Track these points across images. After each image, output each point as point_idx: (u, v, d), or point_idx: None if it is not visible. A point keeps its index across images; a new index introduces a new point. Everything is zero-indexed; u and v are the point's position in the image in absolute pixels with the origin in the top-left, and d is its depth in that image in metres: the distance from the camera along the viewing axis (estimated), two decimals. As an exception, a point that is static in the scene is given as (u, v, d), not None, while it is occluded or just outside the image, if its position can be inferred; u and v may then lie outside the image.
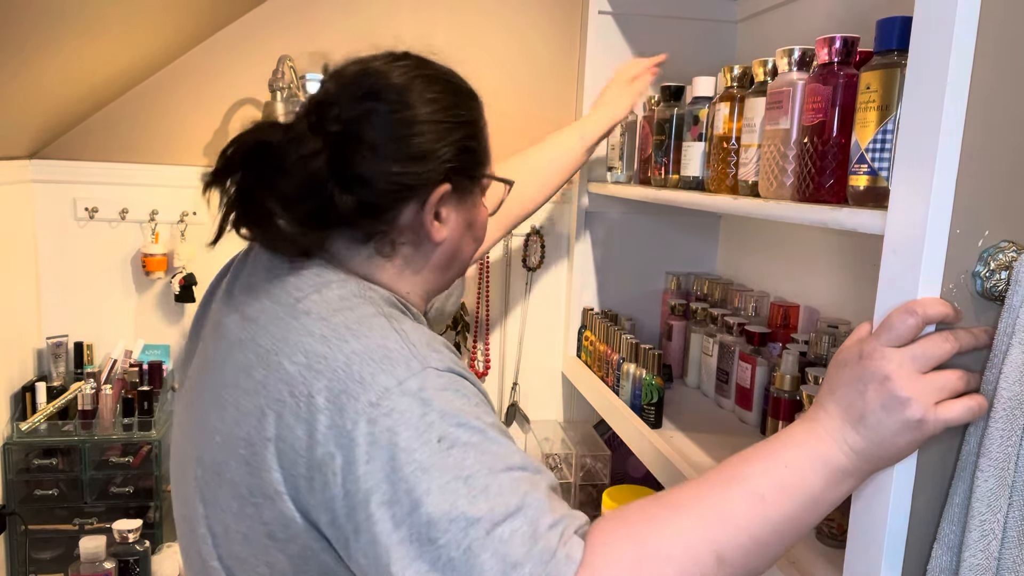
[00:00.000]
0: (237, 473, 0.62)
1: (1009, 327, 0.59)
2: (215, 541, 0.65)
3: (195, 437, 0.67)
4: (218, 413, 0.64)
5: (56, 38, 1.21)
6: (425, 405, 0.59)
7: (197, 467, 0.66)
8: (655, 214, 1.71)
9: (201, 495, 0.66)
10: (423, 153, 0.71)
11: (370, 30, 1.67)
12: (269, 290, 0.68)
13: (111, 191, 1.61)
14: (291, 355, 0.62)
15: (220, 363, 0.67)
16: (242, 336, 0.66)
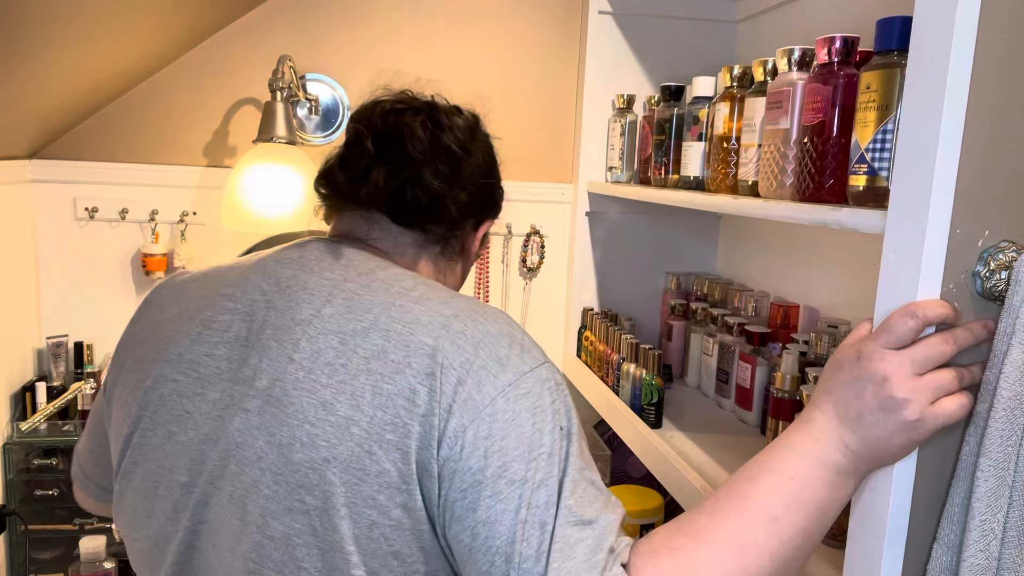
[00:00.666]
0: (387, 460, 0.60)
1: (1009, 327, 0.59)
2: (358, 546, 0.60)
3: (307, 440, 0.62)
4: (350, 402, 0.61)
5: (56, 38, 1.21)
6: (553, 394, 0.63)
7: (327, 469, 0.60)
8: (655, 214, 1.71)
9: (340, 499, 0.60)
10: (495, 182, 0.87)
11: (370, 30, 1.67)
12: (368, 284, 0.69)
13: (111, 191, 1.61)
14: (431, 331, 0.63)
15: (330, 358, 0.64)
16: (356, 327, 0.65)
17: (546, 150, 1.78)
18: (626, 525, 0.63)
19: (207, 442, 0.66)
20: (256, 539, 0.63)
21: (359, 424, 0.61)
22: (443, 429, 0.60)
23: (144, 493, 0.70)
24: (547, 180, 1.79)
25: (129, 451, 0.72)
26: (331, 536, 0.61)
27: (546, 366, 0.65)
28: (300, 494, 0.61)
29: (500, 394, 0.61)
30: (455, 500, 0.59)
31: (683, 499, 1.07)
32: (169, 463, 0.68)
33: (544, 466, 0.59)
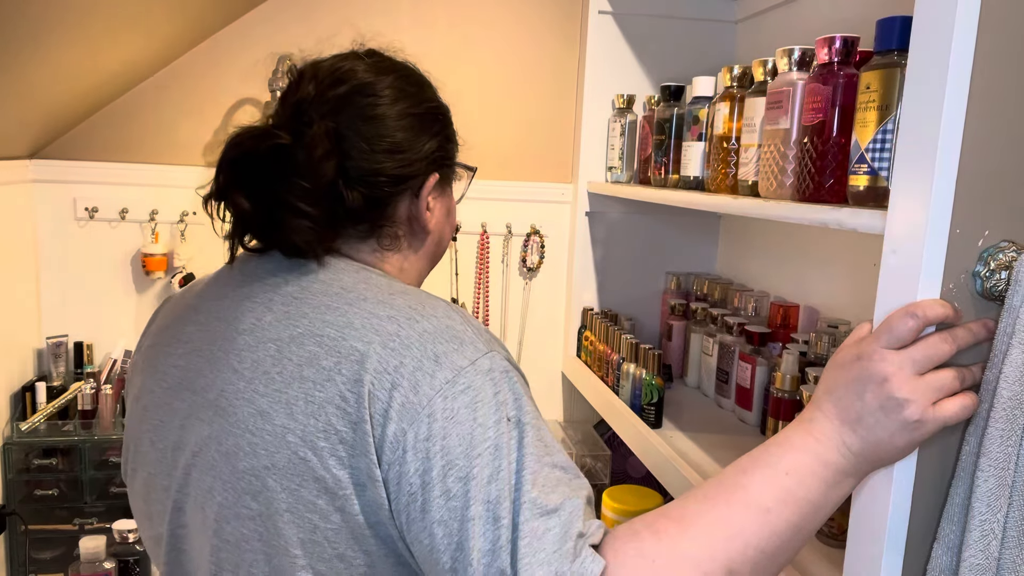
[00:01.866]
0: (321, 467, 0.60)
1: (1009, 327, 0.59)
2: (304, 550, 0.61)
3: (248, 449, 0.63)
4: (285, 411, 0.62)
5: (57, 39, 1.21)
6: (496, 385, 0.61)
7: (268, 476, 0.61)
8: (655, 214, 1.71)
9: (282, 504, 0.61)
10: (412, 145, 0.74)
11: (369, 30, 1.67)
12: (307, 286, 0.68)
13: (111, 191, 1.61)
14: (362, 336, 0.62)
15: (267, 367, 0.64)
16: (293, 333, 0.64)
17: (546, 150, 1.78)
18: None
19: (176, 450, 0.68)
20: (214, 542, 0.65)
21: (294, 432, 0.61)
22: (381, 436, 0.59)
23: (143, 497, 0.74)
24: (547, 180, 1.79)
25: (130, 457, 0.76)
26: (276, 540, 0.62)
27: (489, 356, 0.63)
28: (246, 500, 0.62)
29: (437, 393, 0.59)
30: (407, 503, 0.59)
31: (683, 499, 1.07)
32: (154, 469, 0.71)
33: (491, 460, 0.58)
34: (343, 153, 0.70)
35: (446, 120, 0.81)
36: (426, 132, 0.76)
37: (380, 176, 0.72)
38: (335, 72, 0.73)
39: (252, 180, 0.67)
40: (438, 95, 0.81)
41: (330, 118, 0.70)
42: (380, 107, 0.72)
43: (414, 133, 0.74)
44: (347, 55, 0.77)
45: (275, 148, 0.67)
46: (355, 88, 0.72)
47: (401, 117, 0.73)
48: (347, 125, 0.71)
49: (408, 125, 0.74)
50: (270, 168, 0.67)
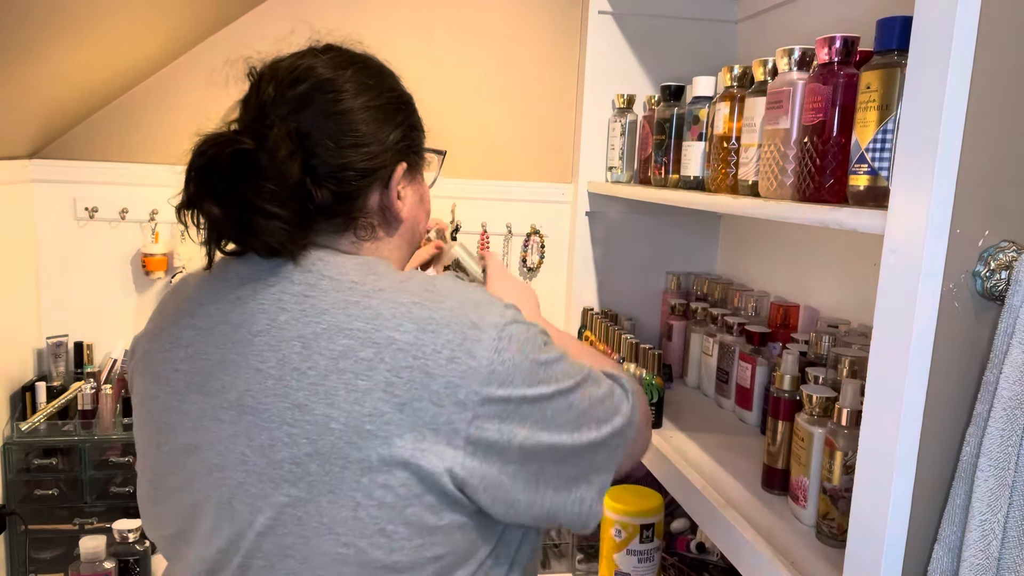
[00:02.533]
0: (366, 448, 0.64)
1: (1009, 327, 0.59)
2: (346, 527, 0.65)
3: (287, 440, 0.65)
4: (325, 401, 0.65)
5: (57, 38, 1.21)
6: (528, 328, 0.70)
7: (311, 463, 0.65)
8: (655, 214, 1.71)
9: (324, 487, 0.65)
10: (376, 137, 0.75)
11: (369, 29, 1.67)
12: (316, 284, 0.70)
13: (111, 191, 1.61)
14: (397, 326, 0.66)
15: (295, 363, 0.66)
16: (316, 329, 0.67)
17: (546, 150, 1.78)
18: (626, 524, 0.65)
19: (187, 451, 0.70)
20: (245, 533, 0.67)
21: (337, 420, 0.64)
22: (450, 407, 0.65)
23: (151, 499, 0.75)
24: (547, 180, 1.79)
25: (137, 461, 0.78)
26: (316, 521, 0.65)
27: (510, 309, 0.71)
28: (284, 488, 0.65)
29: (492, 352, 0.66)
30: (500, 451, 0.67)
31: (683, 499, 1.07)
32: (162, 471, 0.73)
33: (560, 378, 0.70)
34: (308, 151, 0.71)
35: (409, 108, 0.82)
36: (390, 123, 0.77)
37: (348, 171, 0.73)
38: (294, 71, 0.74)
39: (220, 187, 0.68)
40: (400, 84, 0.82)
41: (292, 118, 0.72)
42: (342, 103, 0.74)
43: (378, 125, 0.76)
44: (305, 52, 0.78)
45: (238, 153, 0.68)
46: (315, 86, 0.73)
47: (364, 110, 0.75)
48: (310, 123, 0.72)
49: (371, 118, 0.75)
50: (236, 173, 0.68)
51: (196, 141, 0.70)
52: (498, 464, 0.67)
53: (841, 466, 0.88)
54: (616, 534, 1.43)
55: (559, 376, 0.70)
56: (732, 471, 1.11)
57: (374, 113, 0.76)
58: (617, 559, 1.44)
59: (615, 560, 1.44)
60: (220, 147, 0.69)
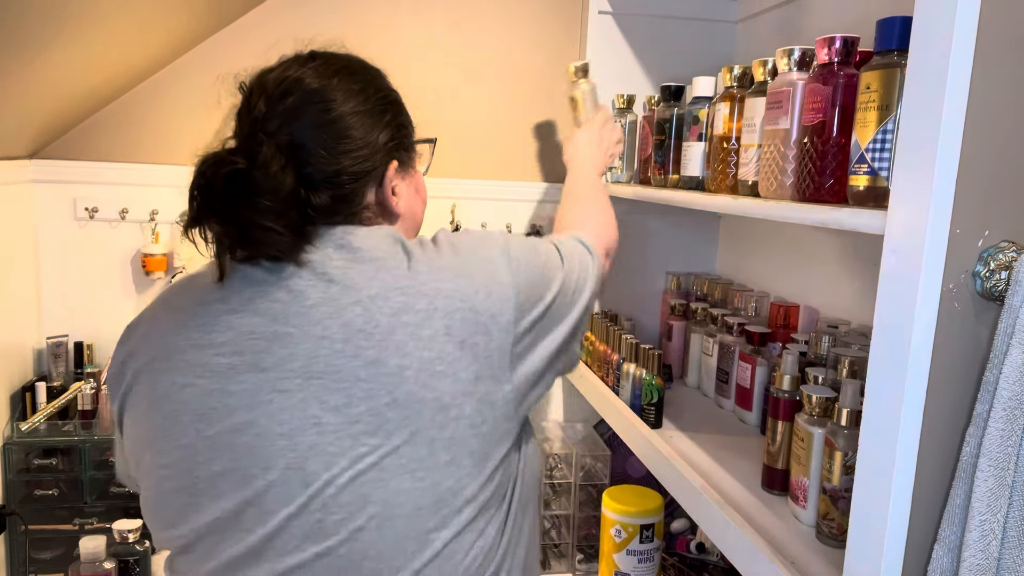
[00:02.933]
0: (439, 388, 0.73)
1: (1009, 327, 0.59)
2: (420, 464, 0.72)
3: (363, 395, 0.72)
4: (397, 353, 0.72)
5: (57, 38, 1.21)
6: (521, 243, 0.85)
7: (388, 412, 0.71)
8: (655, 214, 1.71)
9: (403, 433, 0.72)
10: (367, 141, 0.80)
11: (369, 30, 1.67)
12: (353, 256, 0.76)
13: (111, 191, 1.61)
14: (438, 279, 0.76)
15: (360, 325, 0.73)
16: (371, 293, 0.74)
17: (546, 150, 1.78)
18: (626, 524, 0.66)
19: (238, 430, 0.73)
20: (321, 491, 0.71)
21: (411, 368, 0.72)
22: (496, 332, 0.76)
23: (186, 490, 0.75)
24: (547, 180, 1.79)
25: (158, 455, 0.76)
26: (395, 464, 0.72)
27: (499, 235, 0.85)
28: (363, 439, 0.71)
29: (511, 275, 0.80)
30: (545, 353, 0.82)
31: (683, 499, 1.07)
32: (203, 458, 0.74)
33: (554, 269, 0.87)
34: (302, 161, 0.76)
35: (397, 107, 0.87)
36: (378, 125, 0.82)
37: (342, 175, 0.79)
38: (281, 83, 0.79)
39: (219, 205, 0.73)
40: (386, 82, 0.87)
41: (284, 131, 0.76)
42: (332, 112, 0.78)
43: (367, 129, 0.81)
44: (291, 62, 0.82)
45: (232, 173, 0.72)
46: (304, 97, 0.78)
47: (353, 115, 0.79)
48: (303, 134, 0.77)
49: (360, 123, 0.80)
50: (232, 192, 0.72)
51: (196, 162, 0.74)
52: (539, 367, 0.81)
53: (841, 466, 0.88)
54: (616, 534, 1.43)
55: (554, 270, 0.86)
56: (732, 471, 1.11)
57: (363, 118, 0.80)
58: (617, 559, 1.44)
59: (615, 560, 1.44)
60: (216, 168, 0.73)
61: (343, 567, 0.72)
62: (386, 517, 0.72)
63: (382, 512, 0.72)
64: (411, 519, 0.73)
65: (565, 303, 0.86)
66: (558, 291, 0.85)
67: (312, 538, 0.72)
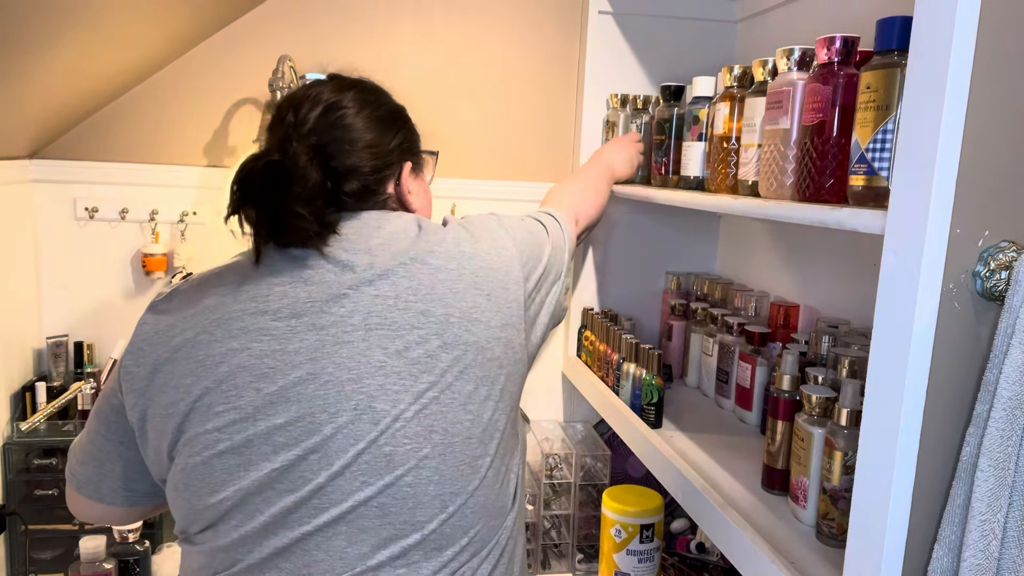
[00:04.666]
0: (477, 332, 0.86)
1: (1009, 327, 0.59)
2: (469, 398, 0.84)
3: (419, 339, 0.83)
4: (441, 304, 0.85)
5: (57, 38, 1.21)
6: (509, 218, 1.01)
7: (441, 352, 0.83)
8: (655, 214, 1.71)
9: (454, 369, 0.83)
10: (381, 142, 0.93)
11: (370, 29, 1.67)
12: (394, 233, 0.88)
13: (111, 191, 1.61)
14: (459, 244, 0.90)
15: (407, 284, 0.84)
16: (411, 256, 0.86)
17: (546, 150, 1.78)
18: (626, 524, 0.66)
19: (302, 383, 0.80)
20: (391, 426, 0.81)
21: (454, 315, 0.85)
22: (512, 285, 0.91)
23: (235, 451, 0.80)
24: (547, 180, 1.79)
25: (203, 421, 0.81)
26: (449, 397, 0.83)
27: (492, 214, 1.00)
28: (423, 378, 0.82)
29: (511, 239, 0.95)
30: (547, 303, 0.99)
31: (683, 499, 1.07)
32: (262, 414, 0.80)
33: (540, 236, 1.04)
34: (328, 156, 0.87)
35: (405, 118, 1.00)
36: (391, 130, 0.95)
37: (363, 168, 0.90)
38: (306, 99, 0.91)
39: (256, 193, 0.82)
40: (392, 99, 1.00)
41: (311, 134, 0.88)
42: (348, 117, 0.91)
43: (381, 132, 0.93)
44: (313, 84, 0.95)
45: (268, 164, 0.82)
46: (326, 108, 0.90)
47: (367, 120, 0.92)
48: (326, 136, 0.89)
49: (374, 126, 0.92)
50: (268, 181, 0.82)
51: (240, 163, 0.84)
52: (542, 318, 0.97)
53: (841, 466, 0.88)
54: (616, 534, 1.43)
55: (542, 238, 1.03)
56: (732, 471, 1.11)
57: (376, 123, 0.93)
58: (617, 559, 1.44)
59: (615, 560, 1.44)
60: (255, 161, 0.83)
61: (407, 496, 0.81)
62: (447, 445, 0.83)
63: (443, 440, 0.82)
64: (465, 446, 0.84)
65: (554, 265, 1.02)
66: (549, 255, 1.01)
67: (379, 472, 0.80)
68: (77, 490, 0.93)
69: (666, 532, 1.58)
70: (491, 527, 0.88)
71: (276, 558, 0.81)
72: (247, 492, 0.80)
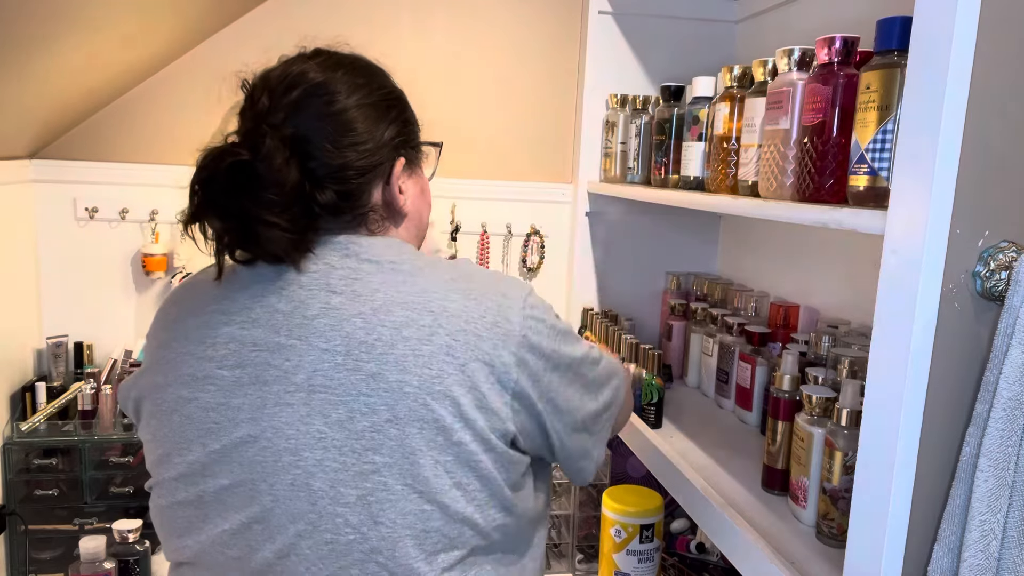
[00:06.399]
0: (438, 408, 0.69)
1: (1009, 327, 0.59)
2: (427, 485, 0.69)
3: (366, 410, 0.69)
4: (397, 368, 0.69)
5: (57, 38, 1.21)
6: (543, 301, 0.79)
7: (391, 428, 0.69)
8: (655, 214, 1.71)
9: (406, 450, 0.69)
10: (372, 135, 0.77)
11: (370, 29, 1.67)
12: (358, 267, 0.74)
13: (111, 191, 1.61)
14: (446, 297, 0.73)
15: (361, 338, 0.70)
16: (374, 306, 0.71)
17: (546, 150, 1.78)
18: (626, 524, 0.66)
19: (243, 444, 0.71)
20: (330, 510, 0.69)
21: (410, 384, 0.69)
22: (501, 365, 0.72)
23: (192, 503, 0.74)
24: (547, 180, 1.79)
25: (165, 468, 0.75)
26: (401, 484, 0.69)
27: (525, 284, 0.80)
28: (368, 456, 0.69)
29: (523, 316, 0.74)
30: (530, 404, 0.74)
31: (683, 499, 1.07)
32: (209, 472, 0.72)
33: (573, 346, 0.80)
34: (306, 155, 0.73)
35: (402, 104, 0.84)
36: (384, 120, 0.79)
37: (348, 170, 0.76)
38: (285, 78, 0.76)
39: (220, 200, 0.70)
40: (391, 81, 0.84)
41: (288, 124, 0.74)
42: (336, 104, 0.75)
43: (372, 123, 0.78)
44: (295, 59, 0.79)
45: (235, 165, 0.70)
46: (308, 90, 0.75)
47: (357, 109, 0.77)
48: (307, 127, 0.74)
49: (365, 116, 0.77)
50: (235, 185, 0.70)
51: (198, 156, 0.72)
52: (536, 416, 0.75)
53: (841, 466, 0.88)
54: (616, 534, 1.43)
55: (573, 343, 0.80)
56: (732, 471, 1.11)
57: (368, 111, 0.78)
58: (617, 559, 1.44)
59: (615, 560, 1.44)
60: (217, 160, 0.71)
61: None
62: (397, 539, 0.69)
63: (392, 534, 0.69)
64: (421, 540, 0.70)
65: (583, 380, 0.81)
66: (572, 360, 0.79)
67: (323, 561, 0.70)
68: None
69: (666, 532, 1.58)
70: None
71: None
72: (205, 545, 0.74)
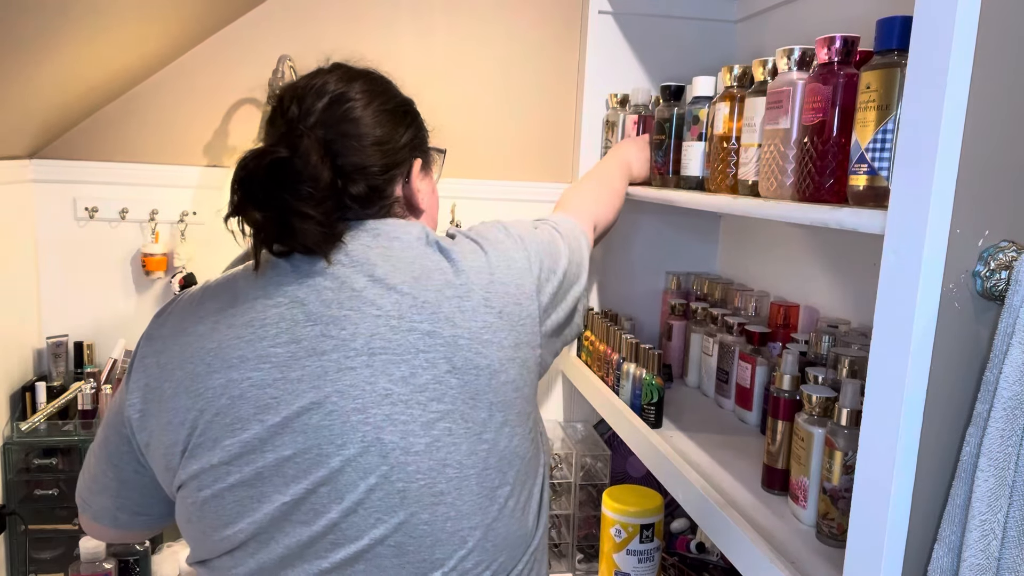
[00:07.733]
0: (489, 355, 0.80)
1: (1009, 327, 0.59)
2: (484, 426, 0.79)
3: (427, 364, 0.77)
4: (448, 324, 0.79)
5: (56, 38, 1.21)
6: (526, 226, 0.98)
7: (451, 377, 0.78)
8: (655, 214, 1.71)
9: (465, 395, 0.78)
10: (391, 137, 0.86)
11: (370, 29, 1.67)
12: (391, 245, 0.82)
13: (111, 191, 1.61)
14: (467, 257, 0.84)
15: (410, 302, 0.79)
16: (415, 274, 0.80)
17: (546, 150, 1.78)
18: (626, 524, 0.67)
19: (306, 412, 0.76)
20: (401, 460, 0.76)
21: (463, 336, 0.79)
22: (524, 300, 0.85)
23: (247, 483, 0.77)
24: (547, 180, 1.79)
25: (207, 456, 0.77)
26: (463, 427, 0.78)
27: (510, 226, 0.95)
28: (433, 406, 0.77)
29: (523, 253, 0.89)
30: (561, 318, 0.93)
31: (683, 499, 1.07)
32: (269, 446, 0.76)
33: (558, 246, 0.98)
34: (336, 154, 0.81)
35: (414, 112, 0.93)
36: (400, 124, 0.88)
37: (372, 167, 0.84)
38: (310, 89, 0.84)
39: (260, 194, 0.76)
40: (400, 91, 0.93)
41: (318, 128, 0.81)
42: (357, 110, 0.84)
43: (391, 127, 0.86)
44: (316, 72, 0.88)
45: (275, 162, 0.76)
46: (332, 99, 0.83)
47: (377, 114, 0.85)
48: (333, 131, 0.82)
49: (384, 120, 0.86)
50: (274, 180, 0.76)
51: (238, 158, 0.78)
52: (557, 333, 0.92)
53: (841, 466, 0.88)
54: (616, 534, 1.43)
55: (560, 248, 0.97)
56: (732, 471, 1.11)
57: (386, 117, 0.86)
58: (617, 559, 1.44)
59: (615, 560, 1.44)
60: (259, 159, 0.76)
61: (424, 534, 0.77)
62: (462, 479, 0.78)
63: (458, 474, 0.77)
64: (482, 478, 0.79)
65: (572, 276, 0.96)
66: (565, 267, 0.95)
67: (393, 509, 0.76)
68: (93, 519, 0.93)
69: (666, 532, 1.58)
70: (513, 557, 0.84)
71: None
72: (261, 524, 0.77)
